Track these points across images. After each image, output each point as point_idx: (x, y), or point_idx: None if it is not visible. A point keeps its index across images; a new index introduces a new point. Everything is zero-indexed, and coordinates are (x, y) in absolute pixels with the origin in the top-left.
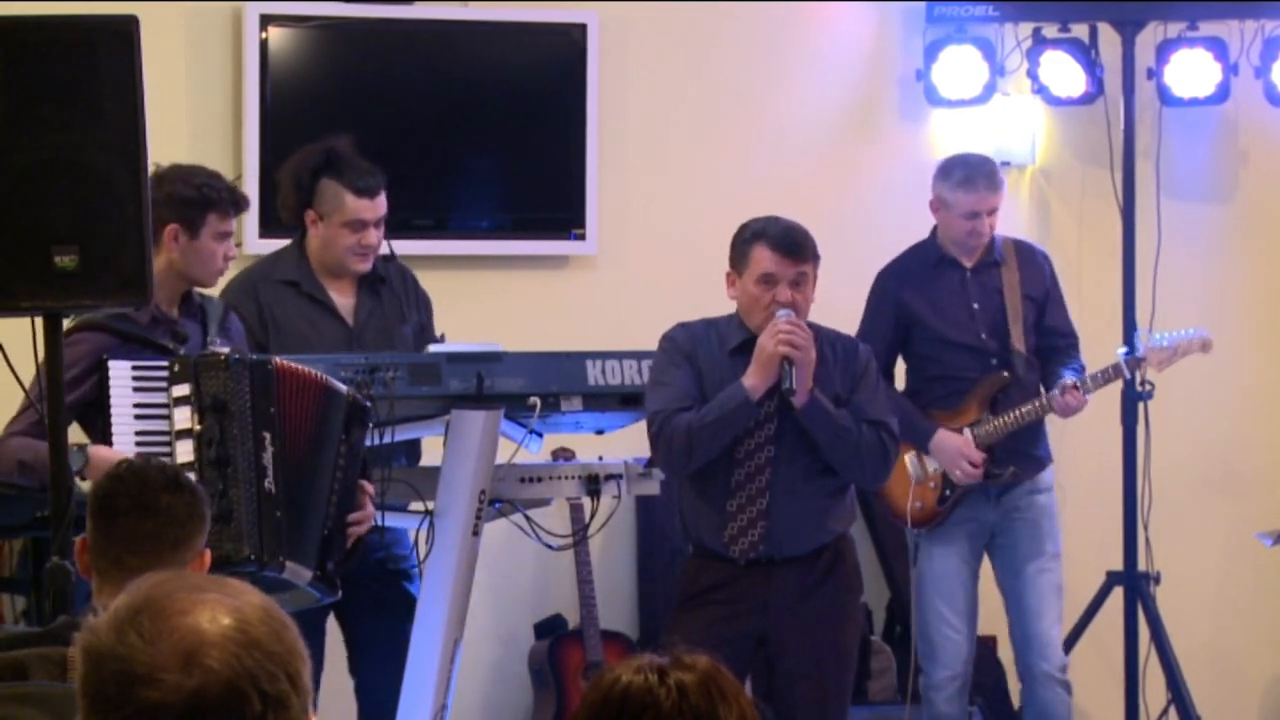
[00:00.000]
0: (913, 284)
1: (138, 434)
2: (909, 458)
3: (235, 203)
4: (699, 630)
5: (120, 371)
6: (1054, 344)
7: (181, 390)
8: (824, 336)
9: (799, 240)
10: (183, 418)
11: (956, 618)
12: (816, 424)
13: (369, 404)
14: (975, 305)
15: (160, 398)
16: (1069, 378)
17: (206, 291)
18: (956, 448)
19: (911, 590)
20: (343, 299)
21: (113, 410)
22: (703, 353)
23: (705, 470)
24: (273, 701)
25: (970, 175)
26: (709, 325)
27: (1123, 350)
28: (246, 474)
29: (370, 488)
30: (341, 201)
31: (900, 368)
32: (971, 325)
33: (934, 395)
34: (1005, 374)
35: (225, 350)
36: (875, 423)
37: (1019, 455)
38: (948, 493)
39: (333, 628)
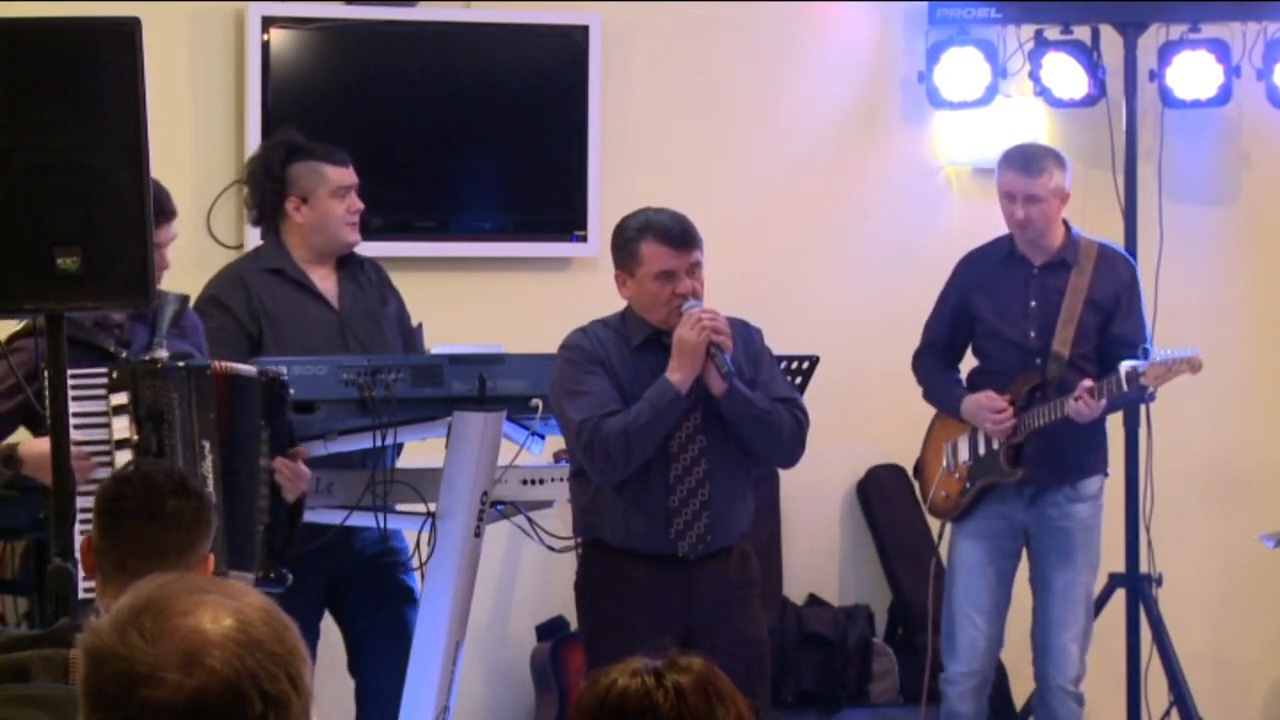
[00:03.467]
0: (979, 276)
1: (76, 443)
2: (946, 447)
3: (161, 213)
4: (624, 631)
5: None
6: (1118, 353)
7: (120, 399)
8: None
9: (687, 228)
10: (121, 427)
11: (978, 615)
12: (739, 410)
13: (284, 376)
14: (1033, 303)
15: (99, 405)
16: (1087, 382)
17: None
18: (979, 403)
19: (929, 583)
20: (324, 284)
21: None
22: (610, 355)
23: (640, 471)
24: (274, 702)
25: (1009, 157)
26: (605, 326)
27: (1126, 364)
28: None
29: (303, 450)
30: (323, 174)
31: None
32: (1023, 323)
33: (981, 388)
34: (1039, 375)
35: (164, 355)
36: (785, 400)
37: (1046, 460)
38: (968, 485)
39: (330, 629)
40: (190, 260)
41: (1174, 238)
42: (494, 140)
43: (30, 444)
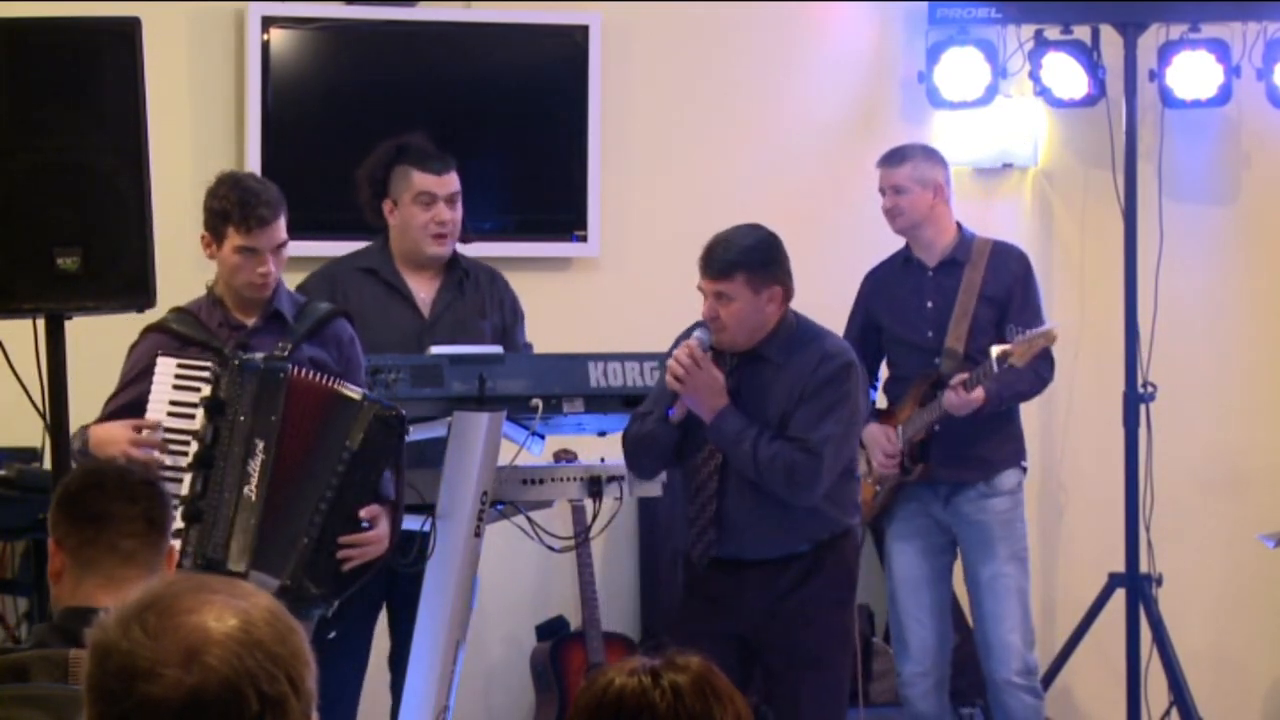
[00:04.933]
0: (880, 286)
1: (166, 430)
2: (859, 454)
3: (247, 219)
4: (681, 628)
5: (165, 367)
6: None
7: (207, 391)
8: (798, 342)
9: (721, 259)
10: (201, 418)
11: (921, 611)
12: (719, 442)
13: (398, 410)
14: (929, 304)
15: (193, 396)
16: (961, 375)
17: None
18: (875, 438)
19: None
20: (422, 291)
21: (149, 403)
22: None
23: (681, 477)
24: (271, 703)
25: (882, 155)
26: (692, 328)
27: (997, 347)
28: (227, 478)
29: (379, 510)
30: (409, 179)
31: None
32: (921, 324)
33: (894, 395)
34: (934, 372)
35: (259, 355)
36: (793, 439)
37: (954, 456)
38: (877, 489)
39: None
40: (190, 260)
41: (1174, 238)
42: (494, 140)
43: (98, 426)
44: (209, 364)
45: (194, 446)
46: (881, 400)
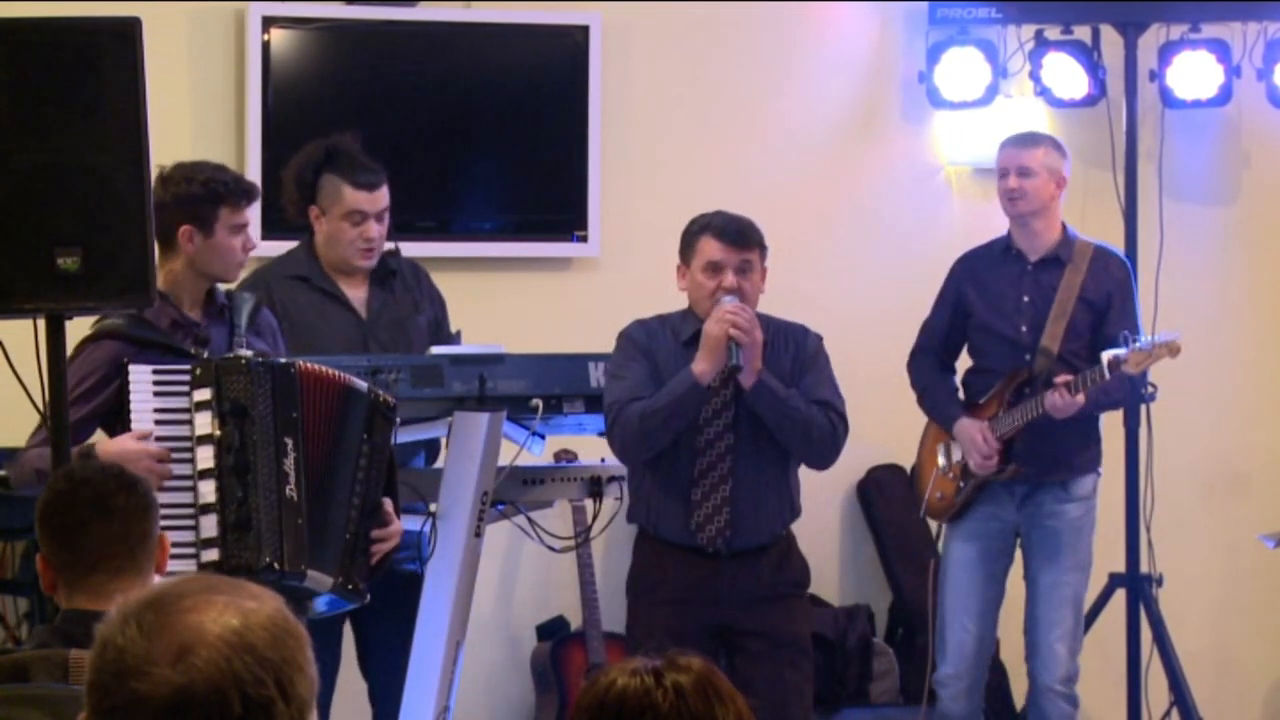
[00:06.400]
0: (975, 273)
1: (158, 439)
2: (940, 448)
3: (245, 193)
4: (658, 624)
5: (141, 376)
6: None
7: (203, 395)
8: (773, 325)
9: (743, 229)
10: (204, 423)
11: (967, 616)
12: (764, 405)
13: (394, 401)
14: (1025, 299)
15: (182, 402)
16: (1065, 375)
17: (230, 287)
18: (971, 436)
19: (929, 584)
20: (354, 292)
21: (133, 415)
22: (658, 346)
23: (668, 461)
24: (255, 706)
25: (1007, 138)
26: (663, 321)
27: (1108, 352)
28: (267, 481)
29: (390, 506)
30: (340, 195)
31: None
32: (1015, 318)
33: (975, 387)
34: (1027, 370)
35: (247, 353)
36: (821, 403)
37: (1043, 457)
38: (962, 485)
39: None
40: None
41: (1174, 237)
42: (494, 140)
43: (106, 443)
44: (186, 366)
45: (200, 452)
46: (959, 391)
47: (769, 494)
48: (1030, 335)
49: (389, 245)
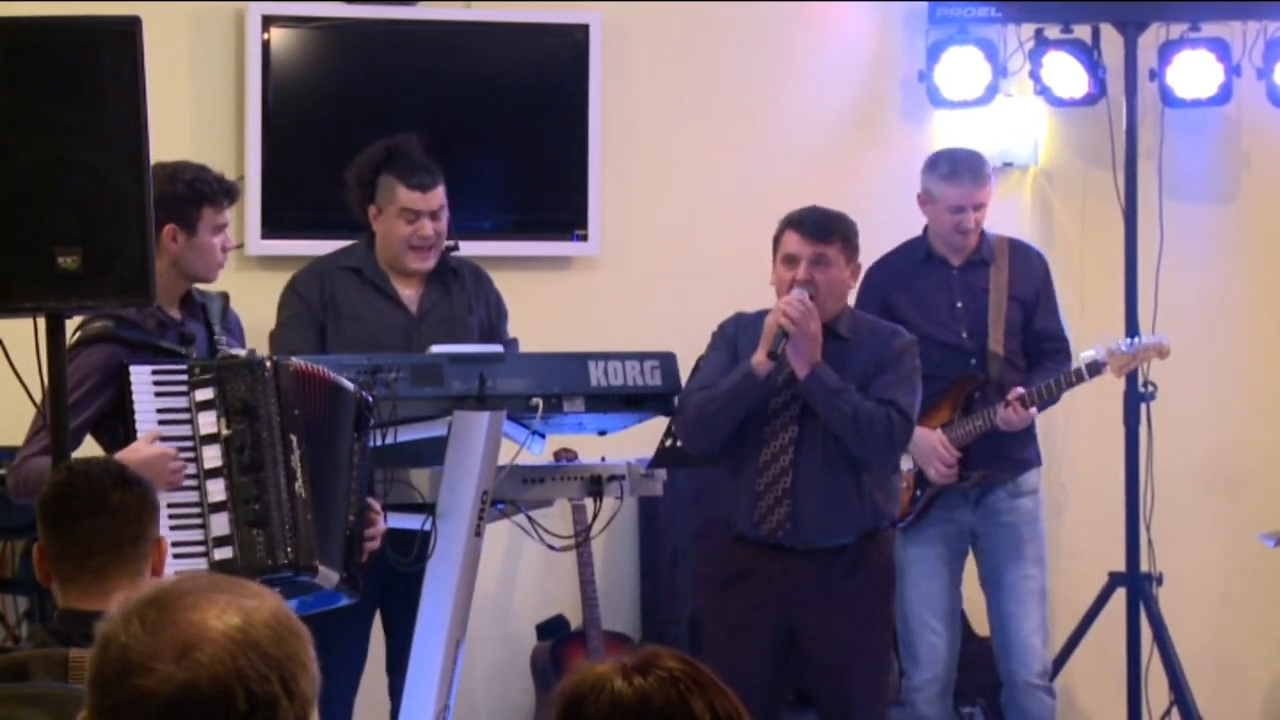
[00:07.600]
0: (899, 280)
1: (163, 439)
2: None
3: (227, 192)
4: (730, 622)
5: (141, 377)
6: (1042, 348)
7: (205, 394)
8: (864, 323)
9: (821, 221)
10: (208, 422)
11: (935, 619)
12: (816, 396)
13: (371, 399)
14: (959, 304)
15: (181, 402)
16: (1017, 390)
17: (205, 287)
18: (932, 446)
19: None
20: (407, 289)
21: (136, 416)
22: (745, 339)
23: (738, 452)
24: (260, 703)
25: (955, 169)
26: (759, 315)
27: (1087, 354)
28: (278, 479)
29: (378, 505)
30: (395, 194)
31: None
32: (953, 324)
33: (923, 395)
34: (979, 375)
35: (242, 351)
36: (887, 401)
37: (995, 457)
38: (919, 493)
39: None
40: None
41: (1174, 237)
42: (494, 140)
43: (122, 455)
44: (182, 367)
45: (205, 451)
46: None
47: (838, 491)
48: (972, 341)
49: (448, 242)
